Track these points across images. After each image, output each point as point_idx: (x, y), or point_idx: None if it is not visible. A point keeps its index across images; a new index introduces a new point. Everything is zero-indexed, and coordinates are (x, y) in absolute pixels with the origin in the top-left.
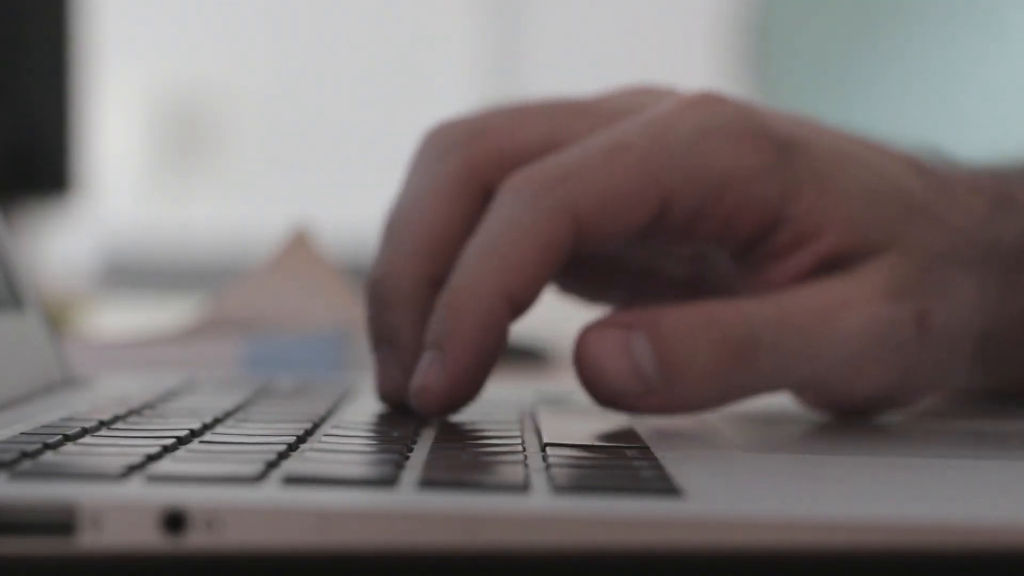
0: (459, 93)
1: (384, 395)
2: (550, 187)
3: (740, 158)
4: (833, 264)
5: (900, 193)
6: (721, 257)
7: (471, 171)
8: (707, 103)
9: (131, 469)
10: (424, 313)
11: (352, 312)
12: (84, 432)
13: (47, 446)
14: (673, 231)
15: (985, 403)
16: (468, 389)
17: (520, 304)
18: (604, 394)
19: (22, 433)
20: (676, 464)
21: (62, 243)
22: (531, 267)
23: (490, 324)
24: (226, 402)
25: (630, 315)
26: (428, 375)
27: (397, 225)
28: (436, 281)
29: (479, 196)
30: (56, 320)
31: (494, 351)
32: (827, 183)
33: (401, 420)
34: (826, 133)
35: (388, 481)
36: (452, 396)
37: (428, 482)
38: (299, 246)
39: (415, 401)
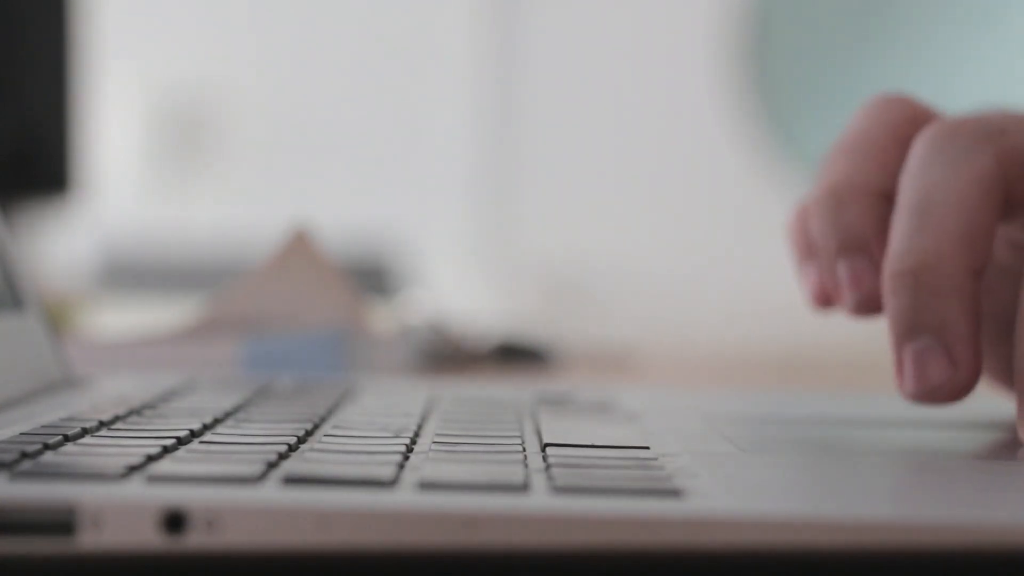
0: (459, 93)
1: (931, 390)
2: None
3: None
4: None
5: None
6: None
7: (1001, 166)
8: None
9: (131, 469)
10: (974, 305)
11: (352, 312)
12: (84, 432)
13: (47, 446)
14: None
15: None
16: (976, 376)
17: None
18: None
19: (22, 433)
20: (676, 464)
21: (62, 243)
22: None
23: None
24: (226, 402)
25: None
26: (934, 370)
27: (936, 213)
28: (978, 274)
29: (1004, 191)
30: (56, 320)
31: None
32: None
33: (401, 420)
34: None
35: (388, 481)
36: (965, 388)
37: (428, 482)
38: (299, 246)
39: (925, 398)
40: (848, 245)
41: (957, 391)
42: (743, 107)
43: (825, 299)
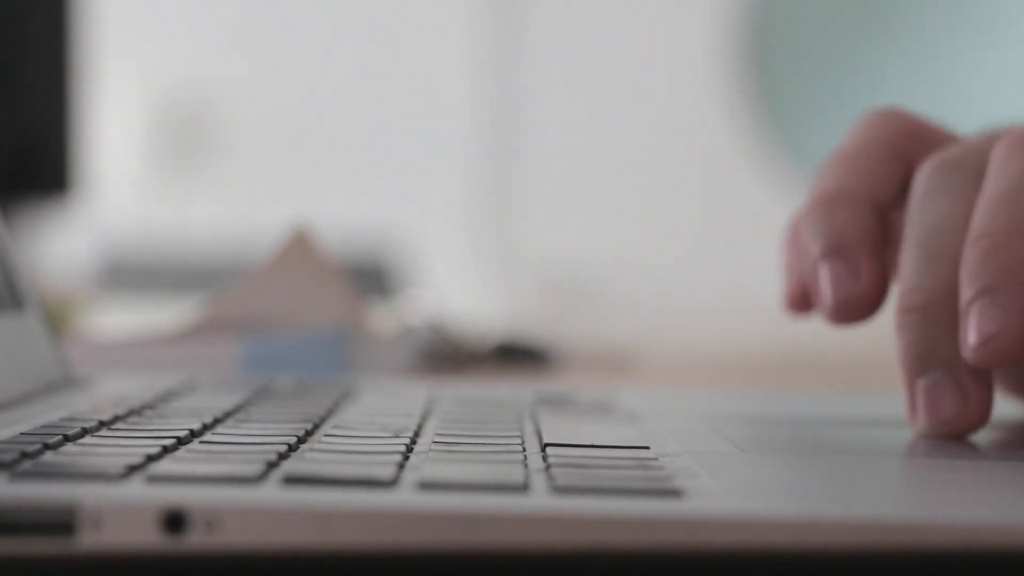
0: (459, 93)
1: (943, 423)
2: None
3: None
4: None
5: None
6: None
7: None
8: None
9: (131, 469)
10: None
11: (352, 312)
12: (84, 432)
13: (47, 446)
14: None
15: None
16: (987, 408)
17: None
18: None
19: (22, 433)
20: (676, 464)
21: (62, 243)
22: None
23: None
24: (226, 402)
25: None
26: (946, 403)
27: (942, 246)
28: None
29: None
30: (56, 320)
31: None
32: None
33: (401, 420)
34: None
35: (388, 481)
36: (978, 421)
37: (428, 482)
38: (299, 246)
39: (937, 431)
40: (832, 248)
41: (969, 424)
42: (743, 107)
43: (800, 303)
